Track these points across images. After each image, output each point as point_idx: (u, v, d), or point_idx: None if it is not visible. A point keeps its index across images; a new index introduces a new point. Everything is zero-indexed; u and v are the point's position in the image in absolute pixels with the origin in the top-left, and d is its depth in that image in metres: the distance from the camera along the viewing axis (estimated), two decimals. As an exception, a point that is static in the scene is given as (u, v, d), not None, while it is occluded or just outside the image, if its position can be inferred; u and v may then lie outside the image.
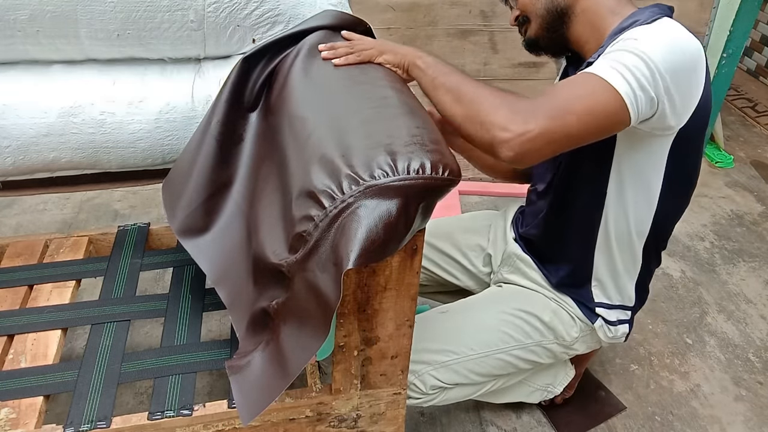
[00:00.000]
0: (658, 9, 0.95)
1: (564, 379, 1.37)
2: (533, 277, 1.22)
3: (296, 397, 0.99)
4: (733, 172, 2.45)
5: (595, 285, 1.16)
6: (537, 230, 1.20)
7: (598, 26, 0.99)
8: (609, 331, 1.18)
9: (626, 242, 1.09)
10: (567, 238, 1.15)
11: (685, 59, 0.87)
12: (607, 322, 1.17)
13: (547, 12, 1.02)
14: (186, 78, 1.21)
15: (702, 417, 1.44)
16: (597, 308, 1.17)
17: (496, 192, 2.23)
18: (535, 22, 1.05)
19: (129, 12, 1.10)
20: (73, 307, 1.14)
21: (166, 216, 1.10)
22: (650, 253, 1.12)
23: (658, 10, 0.94)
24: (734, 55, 2.25)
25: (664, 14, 0.93)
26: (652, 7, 0.95)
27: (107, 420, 0.93)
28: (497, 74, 2.11)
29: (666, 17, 0.93)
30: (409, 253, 0.84)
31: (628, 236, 1.08)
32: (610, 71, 0.85)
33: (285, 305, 0.83)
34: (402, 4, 1.98)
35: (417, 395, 1.14)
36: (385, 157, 0.76)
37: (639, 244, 1.09)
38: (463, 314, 1.21)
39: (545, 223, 1.17)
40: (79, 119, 1.15)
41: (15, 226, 2.02)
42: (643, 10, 0.95)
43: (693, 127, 0.94)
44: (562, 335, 1.17)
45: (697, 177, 1.09)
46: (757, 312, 1.76)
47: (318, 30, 1.09)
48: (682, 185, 1.06)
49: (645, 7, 0.96)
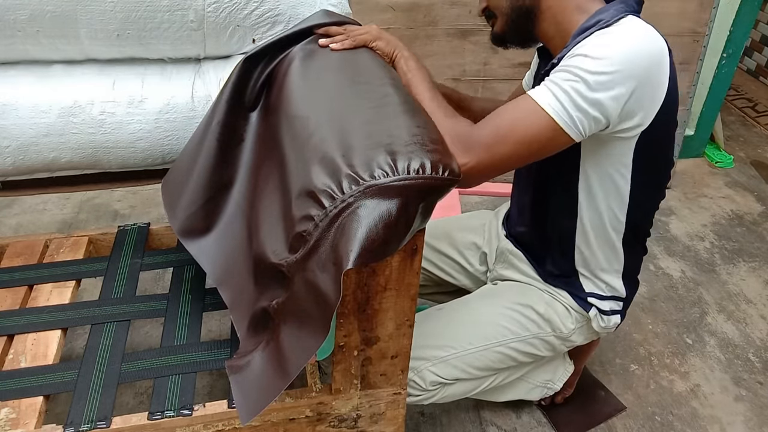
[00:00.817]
0: (624, 6, 0.93)
1: (563, 374, 1.37)
2: (526, 271, 1.24)
3: (296, 397, 0.99)
4: (733, 172, 2.45)
5: (583, 277, 1.17)
6: (522, 227, 1.23)
7: (563, 24, 0.98)
8: (602, 320, 1.19)
9: (604, 239, 1.10)
10: (549, 235, 1.17)
11: (643, 66, 0.87)
12: (601, 311, 1.18)
13: (512, 10, 1.02)
14: (186, 78, 1.21)
15: (702, 417, 1.44)
16: (589, 298, 1.17)
17: (496, 192, 2.23)
18: (501, 19, 1.05)
19: (129, 12, 1.10)
20: (73, 307, 1.14)
21: (167, 216, 1.11)
22: (631, 246, 1.13)
23: (623, 8, 0.93)
24: (734, 55, 2.25)
25: (629, 11, 0.92)
26: (618, 4, 0.94)
27: (107, 420, 0.93)
28: (497, 74, 2.11)
29: (630, 15, 0.91)
30: (409, 253, 0.84)
31: (604, 233, 1.09)
32: (547, 96, 0.88)
33: (285, 305, 0.83)
34: (402, 4, 1.98)
35: (417, 392, 1.14)
36: (386, 157, 0.76)
37: (617, 240, 1.10)
38: (460, 310, 1.21)
39: (528, 220, 1.20)
40: (79, 119, 1.15)
41: (15, 226, 2.02)
42: (608, 7, 0.94)
43: (659, 125, 0.94)
44: (559, 327, 1.18)
45: (668, 171, 1.10)
46: (757, 312, 1.76)
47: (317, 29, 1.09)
48: (653, 181, 1.07)
49: (611, 3, 0.95)
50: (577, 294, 1.18)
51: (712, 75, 2.28)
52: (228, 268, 1.03)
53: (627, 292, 1.19)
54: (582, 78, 0.85)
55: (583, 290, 1.17)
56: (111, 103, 1.16)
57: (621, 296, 1.19)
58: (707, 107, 2.38)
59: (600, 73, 0.85)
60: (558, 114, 0.87)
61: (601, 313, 1.18)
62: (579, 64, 0.86)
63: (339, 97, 0.92)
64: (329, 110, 0.89)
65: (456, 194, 2.20)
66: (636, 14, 0.93)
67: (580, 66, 0.86)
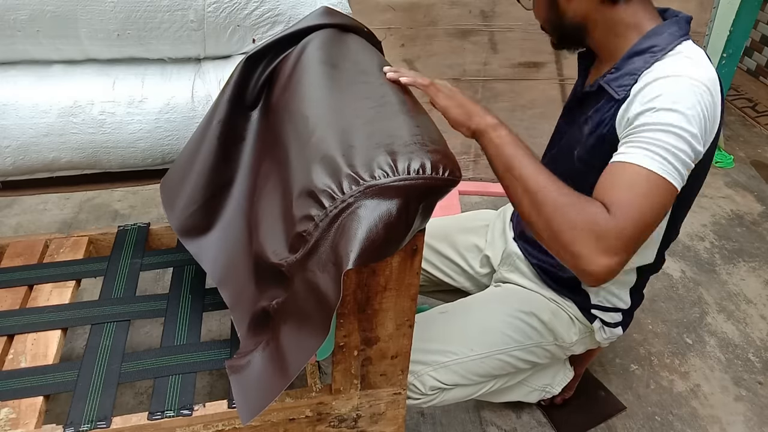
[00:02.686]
0: (677, 28, 0.93)
1: (563, 380, 1.37)
2: (532, 277, 1.23)
3: (296, 397, 0.99)
4: (733, 172, 2.45)
5: (592, 289, 1.16)
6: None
7: (616, 38, 0.97)
8: (605, 332, 1.18)
9: None
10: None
11: (708, 106, 0.87)
12: (605, 323, 1.18)
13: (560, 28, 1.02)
14: (186, 78, 1.21)
15: (702, 417, 1.44)
16: (593, 310, 1.17)
17: (496, 192, 2.23)
18: (552, 36, 1.07)
19: (129, 12, 1.10)
20: (73, 307, 1.14)
21: (166, 215, 1.10)
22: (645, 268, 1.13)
23: (677, 30, 0.92)
24: (734, 55, 2.25)
25: (682, 35, 0.92)
26: (671, 26, 0.93)
27: (107, 420, 0.93)
28: (497, 74, 2.11)
29: (685, 41, 0.91)
30: (409, 253, 0.84)
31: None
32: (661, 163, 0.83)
33: (285, 305, 0.83)
34: (402, 4, 1.98)
35: (416, 396, 1.14)
36: (386, 157, 0.76)
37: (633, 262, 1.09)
38: (463, 315, 1.20)
39: None
40: (79, 119, 1.15)
41: (15, 226, 2.02)
42: (661, 30, 0.93)
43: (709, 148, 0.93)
44: (562, 336, 1.18)
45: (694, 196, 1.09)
46: (757, 312, 1.76)
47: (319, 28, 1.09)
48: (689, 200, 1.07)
49: (664, 24, 0.94)
50: (582, 304, 1.17)
51: (712, 75, 2.28)
52: (229, 268, 1.02)
53: (632, 303, 1.18)
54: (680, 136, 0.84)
55: (589, 301, 1.17)
56: (111, 103, 1.16)
57: (625, 308, 1.18)
58: (707, 107, 2.37)
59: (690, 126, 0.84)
60: (675, 179, 0.85)
61: (605, 324, 1.18)
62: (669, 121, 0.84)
63: (341, 97, 0.92)
64: (331, 110, 0.89)
65: (456, 194, 2.20)
66: (688, 38, 0.93)
67: (672, 123, 0.84)
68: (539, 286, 1.21)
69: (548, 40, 1.09)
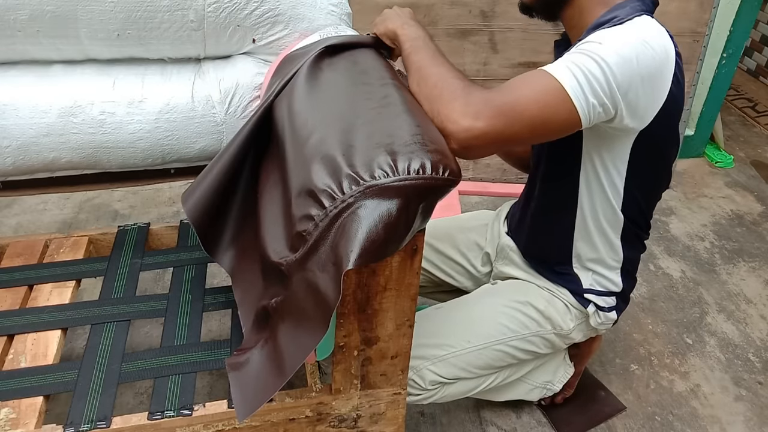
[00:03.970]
0: (641, 3, 0.94)
1: (564, 376, 1.37)
2: (525, 267, 1.24)
3: (296, 397, 0.99)
4: (733, 172, 2.45)
5: (582, 273, 1.17)
6: (524, 220, 1.23)
7: (584, 14, 0.99)
8: (599, 317, 1.19)
9: (602, 233, 1.11)
10: (549, 228, 1.17)
11: (648, 64, 0.87)
12: (599, 307, 1.18)
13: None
14: (186, 78, 1.21)
15: (702, 417, 1.44)
16: (586, 294, 1.18)
17: (496, 192, 2.23)
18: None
19: (129, 12, 1.10)
20: (73, 307, 1.14)
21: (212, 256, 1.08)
22: (629, 242, 1.13)
23: (639, 5, 0.93)
24: (734, 55, 2.25)
25: (644, 11, 0.93)
26: (635, 1, 0.94)
27: (107, 420, 0.93)
28: (497, 74, 2.11)
29: (645, 15, 0.92)
30: (409, 254, 0.84)
31: (602, 228, 1.10)
32: (564, 72, 0.85)
33: (284, 304, 0.83)
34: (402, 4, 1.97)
35: (417, 391, 1.14)
36: (386, 157, 0.76)
37: (615, 236, 1.11)
38: (459, 308, 1.21)
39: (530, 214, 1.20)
40: (79, 119, 1.15)
41: (15, 226, 2.02)
42: (625, 4, 0.94)
43: (657, 128, 0.94)
44: (559, 324, 1.18)
45: (667, 174, 1.10)
46: (757, 312, 1.76)
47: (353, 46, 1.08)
48: (648, 183, 1.07)
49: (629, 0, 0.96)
50: (575, 290, 1.18)
51: (712, 75, 2.28)
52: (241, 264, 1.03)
53: (624, 286, 1.19)
54: (599, 64, 0.84)
55: (581, 286, 1.17)
56: (111, 103, 1.16)
57: (618, 291, 1.19)
58: (707, 107, 2.38)
59: (613, 64, 0.84)
60: (578, 98, 0.85)
61: (599, 309, 1.18)
62: (596, 50, 0.85)
63: (341, 97, 0.92)
64: (331, 110, 0.89)
65: (456, 194, 2.20)
66: (650, 14, 0.94)
67: (598, 53, 0.85)
68: (533, 276, 1.22)
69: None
